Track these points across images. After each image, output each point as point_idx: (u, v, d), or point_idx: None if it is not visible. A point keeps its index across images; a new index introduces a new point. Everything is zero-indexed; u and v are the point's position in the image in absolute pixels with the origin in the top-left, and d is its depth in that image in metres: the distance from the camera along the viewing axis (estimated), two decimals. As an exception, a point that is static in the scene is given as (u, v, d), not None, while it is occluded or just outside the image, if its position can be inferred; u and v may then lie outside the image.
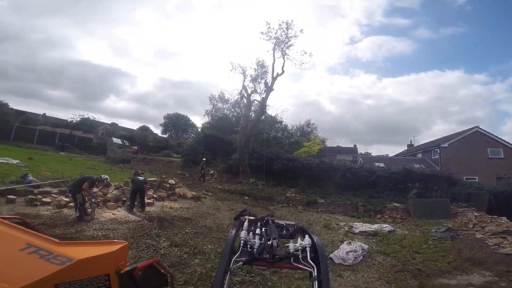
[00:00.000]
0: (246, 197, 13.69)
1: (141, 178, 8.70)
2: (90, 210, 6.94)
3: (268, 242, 2.04)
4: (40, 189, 8.52)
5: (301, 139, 29.16)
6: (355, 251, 6.76)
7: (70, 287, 1.94)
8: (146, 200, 8.71)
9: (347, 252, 6.68)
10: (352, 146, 38.17)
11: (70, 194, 7.10)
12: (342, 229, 9.81)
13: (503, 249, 7.33)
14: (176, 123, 47.94)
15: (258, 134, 20.49)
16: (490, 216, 11.24)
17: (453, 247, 7.74)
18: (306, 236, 2.13)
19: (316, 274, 1.78)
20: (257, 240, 2.13)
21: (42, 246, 2.10)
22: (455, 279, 5.57)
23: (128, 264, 2.43)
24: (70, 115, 54.89)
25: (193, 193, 11.77)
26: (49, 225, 6.07)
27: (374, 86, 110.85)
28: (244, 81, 21.90)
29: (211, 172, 18.36)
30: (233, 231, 2.06)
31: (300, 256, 1.97)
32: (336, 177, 16.09)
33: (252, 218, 2.47)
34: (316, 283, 1.71)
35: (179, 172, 18.88)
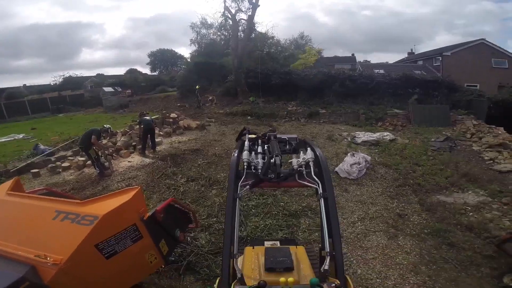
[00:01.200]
0: (249, 117, 13.86)
1: (147, 118, 8.55)
2: (107, 163, 7.22)
3: (272, 160, 1.99)
4: (56, 156, 8.85)
5: (296, 52, 27.32)
6: (359, 163, 6.81)
7: (108, 246, 2.21)
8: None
9: (351, 165, 6.74)
10: (350, 55, 35.10)
11: (83, 152, 7.23)
12: (345, 139, 9.88)
13: (497, 165, 7.38)
14: (163, 59, 46.70)
15: (250, 53, 19.28)
16: (488, 126, 11.02)
17: (450, 159, 7.79)
18: (309, 149, 2.11)
19: (321, 191, 1.81)
20: (260, 160, 2.11)
21: (69, 210, 2.30)
22: (451, 197, 5.74)
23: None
24: (50, 78, 52.53)
25: (197, 122, 11.94)
26: (78, 188, 6.34)
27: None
28: (225, 1, 19.32)
29: (210, 98, 18.30)
30: (235, 154, 2.05)
31: (304, 172, 1.98)
32: (336, 86, 15.61)
33: (252, 136, 2.42)
34: (322, 200, 1.77)
35: (178, 104, 18.93)
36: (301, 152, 2.17)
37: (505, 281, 3.40)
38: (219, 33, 28.59)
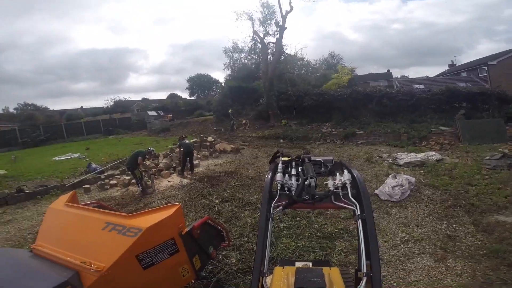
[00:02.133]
0: (281, 140, 13.86)
1: (187, 141, 9.15)
2: (150, 182, 7.79)
3: (306, 182, 1.96)
4: (105, 174, 9.78)
5: (328, 72, 26.82)
6: (402, 185, 6.36)
7: (147, 257, 2.37)
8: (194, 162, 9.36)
9: (393, 187, 6.32)
10: (386, 71, 34.14)
11: (130, 172, 7.90)
12: (385, 161, 9.37)
13: None
14: (200, 83, 49.32)
15: (281, 75, 19.73)
16: None
17: (510, 177, 6.99)
18: (345, 171, 2.03)
19: (359, 212, 1.74)
20: (293, 182, 2.06)
21: (116, 222, 2.52)
22: (511, 216, 5.13)
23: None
24: (103, 101, 59.54)
25: (232, 146, 12.34)
26: (122, 204, 6.84)
27: (398, 10, 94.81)
28: (253, 26, 20.69)
29: (244, 121, 18.75)
30: (269, 176, 2.01)
31: (340, 194, 1.90)
32: (372, 105, 14.96)
33: (286, 158, 2.37)
34: (360, 221, 1.70)
35: (214, 128, 19.73)
36: (337, 174, 2.10)
37: None
38: (249, 57, 29.47)
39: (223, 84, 33.23)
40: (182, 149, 8.76)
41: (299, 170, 2.24)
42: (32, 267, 2.32)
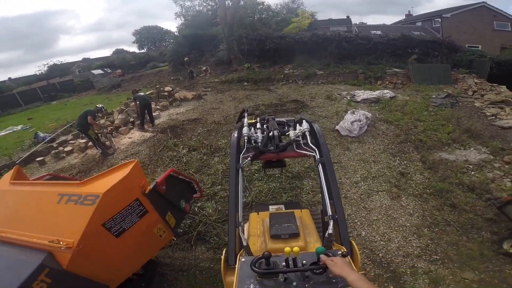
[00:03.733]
0: (245, 83, 13.51)
1: (141, 93, 8.45)
2: (108, 142, 7.21)
3: (270, 134, 2.10)
4: (57, 141, 8.82)
5: (288, 16, 26.22)
6: (360, 120, 6.69)
7: (115, 224, 2.18)
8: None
9: (352, 122, 6.63)
10: (345, 17, 33.28)
11: (83, 134, 7.16)
12: (344, 98, 9.73)
13: (500, 121, 7.18)
14: (150, 36, 46.35)
15: (241, 20, 18.35)
16: (490, 84, 10.66)
17: (452, 115, 7.56)
18: (304, 121, 2.19)
19: (319, 157, 1.86)
20: (259, 134, 2.19)
21: (70, 192, 2.25)
22: (453, 154, 5.60)
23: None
24: (34, 69, 51.62)
25: (193, 93, 11.71)
26: (84, 171, 6.33)
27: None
28: None
29: (204, 68, 17.89)
30: (235, 133, 2.11)
31: (302, 143, 2.04)
32: (332, 48, 15.16)
33: (252, 121, 2.47)
34: (320, 165, 1.82)
35: (172, 78, 18.56)
36: (297, 125, 2.25)
37: (505, 247, 3.34)
38: (204, 4, 27.69)
39: (176, 34, 30.74)
40: (138, 102, 8.04)
41: (264, 126, 2.35)
42: (1, 255, 2.09)
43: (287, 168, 5.06)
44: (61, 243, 1.99)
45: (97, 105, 7.41)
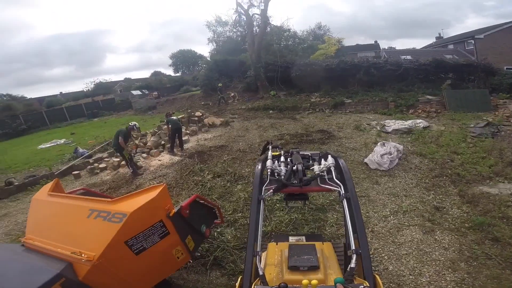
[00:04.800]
0: (271, 111, 13.72)
1: (174, 117, 8.85)
2: (140, 163, 7.61)
3: (294, 168, 2.11)
4: (93, 158, 9.53)
5: (315, 43, 26.58)
6: (390, 153, 6.44)
7: (137, 242, 2.31)
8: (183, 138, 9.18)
9: (382, 155, 6.40)
10: (373, 42, 33.91)
11: (118, 153, 7.67)
12: (374, 129, 9.46)
13: None
14: (184, 59, 48.05)
15: (268, 47, 19.10)
16: None
17: (494, 146, 7.04)
18: (329, 156, 2.20)
19: (343, 192, 1.85)
20: (283, 168, 2.22)
21: (100, 208, 2.42)
22: (496, 187, 5.19)
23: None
24: (82, 85, 57.17)
25: (221, 119, 12.18)
26: (114, 188, 6.72)
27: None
28: None
29: (232, 95, 18.51)
30: (259, 165, 2.17)
31: (326, 177, 2.05)
32: (360, 75, 14.88)
33: (276, 153, 2.53)
34: (345, 200, 1.81)
35: (202, 103, 19.38)
36: (322, 159, 2.26)
37: None
38: (234, 30, 28.56)
39: (208, 59, 32.64)
40: (169, 126, 8.49)
41: (288, 160, 2.39)
42: (25, 261, 2.28)
43: (310, 200, 4.96)
44: (82, 255, 2.09)
45: (130, 123, 7.62)
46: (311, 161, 2.42)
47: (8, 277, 2.07)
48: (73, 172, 8.24)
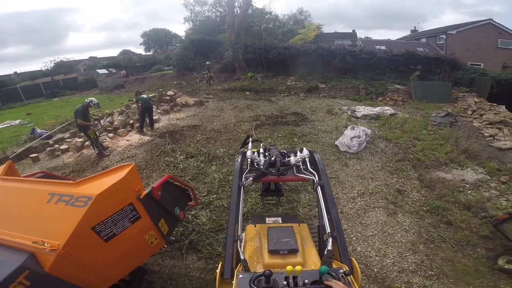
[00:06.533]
0: (247, 92, 13.55)
1: (144, 96, 8.34)
2: (107, 143, 7.10)
3: (272, 158, 2.25)
4: (53, 139, 8.66)
5: (295, 27, 26.58)
6: (359, 136, 6.73)
7: (106, 228, 2.08)
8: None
9: (351, 138, 6.67)
10: (351, 31, 33.99)
11: (82, 133, 7.06)
12: (345, 113, 9.77)
13: (497, 142, 7.26)
14: (157, 38, 46.46)
15: (248, 28, 18.64)
16: (489, 103, 10.79)
17: (451, 135, 7.63)
18: (304, 148, 2.36)
19: (317, 179, 1.97)
20: (262, 158, 2.37)
21: (62, 192, 2.15)
22: (450, 173, 5.66)
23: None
24: (41, 64, 52.00)
25: (195, 99, 11.74)
26: (78, 171, 6.25)
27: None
28: None
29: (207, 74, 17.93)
30: (239, 156, 2.29)
31: (301, 167, 2.20)
32: (336, 61, 15.24)
33: (255, 150, 2.60)
34: (319, 187, 1.91)
35: (175, 82, 18.63)
36: (298, 153, 2.41)
37: (500, 263, 3.44)
38: (214, 10, 28.01)
39: (183, 38, 31.21)
40: (139, 104, 7.97)
41: (266, 153, 2.55)
42: None
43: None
44: (45, 244, 1.89)
45: (86, 100, 6.95)
46: (286, 158, 2.50)
47: None
48: (31, 155, 7.44)
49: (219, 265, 1.50)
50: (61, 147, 7.69)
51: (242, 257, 1.46)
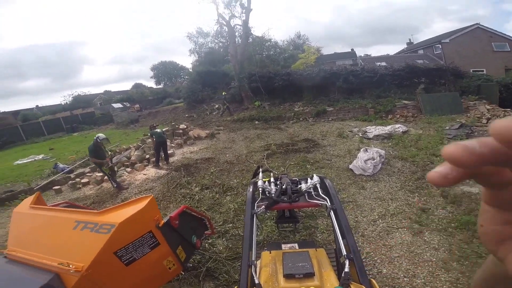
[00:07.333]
0: (257, 122, 13.86)
1: (158, 130, 8.71)
2: (124, 177, 7.45)
3: (283, 186, 2.29)
4: (75, 173, 9.21)
5: (295, 52, 27.21)
6: (373, 158, 6.63)
7: (127, 253, 2.32)
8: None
9: (365, 161, 6.57)
10: (350, 50, 35.06)
11: (99, 169, 7.38)
12: (356, 135, 9.68)
13: None
14: (166, 71, 47.80)
15: (250, 57, 19.35)
16: (502, 110, 10.59)
17: None
18: (314, 175, 2.40)
19: (330, 204, 2.01)
20: (273, 187, 2.42)
21: (87, 220, 2.42)
22: (476, 186, 5.24)
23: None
24: (60, 98, 55.14)
25: (206, 131, 12.17)
26: (98, 202, 6.59)
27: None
28: (217, 9, 19.79)
29: (216, 106, 18.48)
30: (251, 186, 2.35)
31: (313, 193, 2.23)
32: (340, 83, 15.43)
33: (266, 179, 2.67)
34: (332, 212, 1.95)
35: (186, 115, 19.25)
36: (308, 179, 2.45)
37: None
38: (216, 41, 28.72)
39: (190, 70, 32.54)
40: (154, 139, 8.38)
41: (277, 182, 2.57)
42: (9, 273, 2.23)
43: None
44: (70, 266, 2.06)
45: (94, 137, 6.95)
46: (298, 185, 2.54)
47: None
48: (54, 187, 7.93)
49: None
50: (82, 181, 8.13)
51: (256, 281, 1.48)
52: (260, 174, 2.71)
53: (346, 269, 1.48)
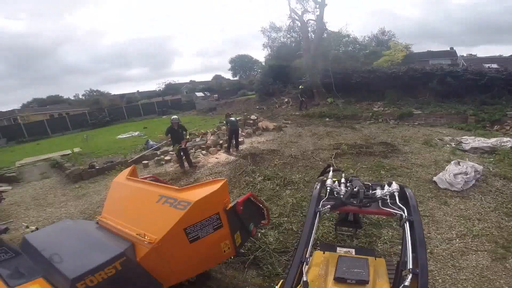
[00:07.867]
0: (327, 119, 13.32)
1: (233, 118, 9.33)
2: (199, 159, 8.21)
3: (355, 189, 2.16)
4: (160, 150, 10.69)
5: (378, 49, 24.59)
6: (466, 173, 5.67)
7: (194, 231, 2.52)
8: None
9: (455, 175, 5.67)
10: (448, 48, 29.76)
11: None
12: (447, 145, 8.50)
13: None
14: (242, 64, 50.25)
15: (325, 53, 18.47)
16: None
17: None
18: (394, 183, 2.20)
19: (406, 215, 1.82)
20: (343, 188, 2.28)
21: (169, 195, 2.70)
22: None
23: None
24: (155, 85, 65.30)
25: (274, 124, 12.40)
26: (175, 179, 7.33)
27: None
28: (289, 3, 19.56)
29: (286, 100, 18.48)
30: (318, 186, 2.26)
31: (388, 201, 2.04)
32: (433, 84, 13.43)
33: (335, 179, 2.53)
34: (407, 223, 1.76)
35: (257, 107, 19.99)
36: (386, 186, 2.25)
37: None
38: (288, 36, 28.49)
39: (263, 64, 33.21)
40: (228, 126, 9.01)
41: (348, 184, 2.43)
42: (95, 238, 2.49)
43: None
44: (145, 237, 2.29)
45: (172, 118, 8.10)
46: (371, 190, 2.35)
47: (80, 248, 2.27)
48: (143, 161, 9.40)
49: (279, 283, 1.53)
50: (165, 158, 9.37)
51: (304, 279, 1.45)
52: (330, 173, 2.60)
53: (407, 283, 1.38)
